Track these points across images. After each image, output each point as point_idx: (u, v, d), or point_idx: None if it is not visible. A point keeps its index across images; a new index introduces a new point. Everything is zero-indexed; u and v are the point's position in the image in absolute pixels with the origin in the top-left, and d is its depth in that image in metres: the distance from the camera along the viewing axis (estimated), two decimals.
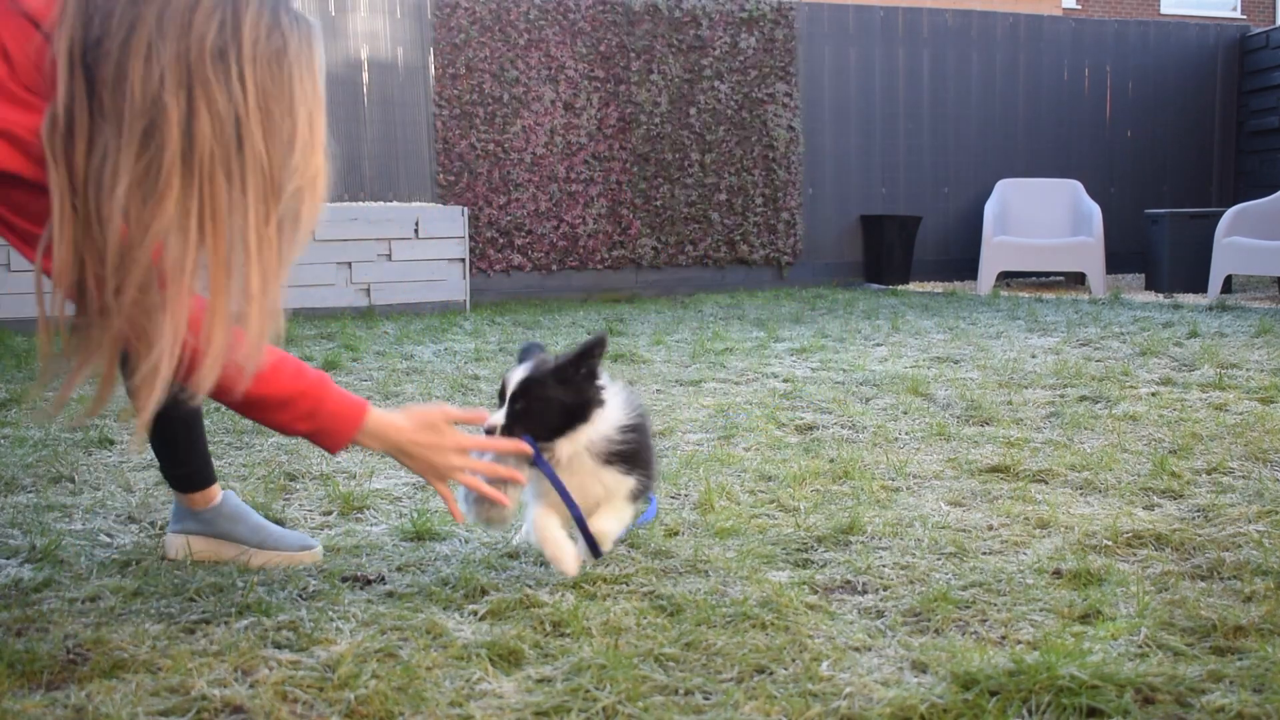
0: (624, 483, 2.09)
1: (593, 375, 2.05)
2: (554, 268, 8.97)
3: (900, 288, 9.55)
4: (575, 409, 2.02)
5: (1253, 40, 10.79)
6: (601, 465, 2.06)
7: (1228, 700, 1.60)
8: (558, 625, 1.91)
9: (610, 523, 2.09)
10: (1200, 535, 2.40)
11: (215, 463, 3.18)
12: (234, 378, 1.67)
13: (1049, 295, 8.70)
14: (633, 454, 2.09)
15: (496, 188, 8.75)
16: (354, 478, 3.02)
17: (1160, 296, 8.56)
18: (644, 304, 8.32)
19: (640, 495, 2.15)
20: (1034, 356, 5.21)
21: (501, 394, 2.05)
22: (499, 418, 2.02)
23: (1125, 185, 10.74)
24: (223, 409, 3.96)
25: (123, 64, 1.46)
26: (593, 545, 2.08)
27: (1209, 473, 2.96)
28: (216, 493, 2.33)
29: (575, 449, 2.05)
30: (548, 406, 2.01)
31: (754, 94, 9.42)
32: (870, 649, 1.82)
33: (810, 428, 3.68)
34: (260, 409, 1.86)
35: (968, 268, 10.10)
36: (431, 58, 8.64)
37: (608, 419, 2.06)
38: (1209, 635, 1.84)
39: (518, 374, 2.03)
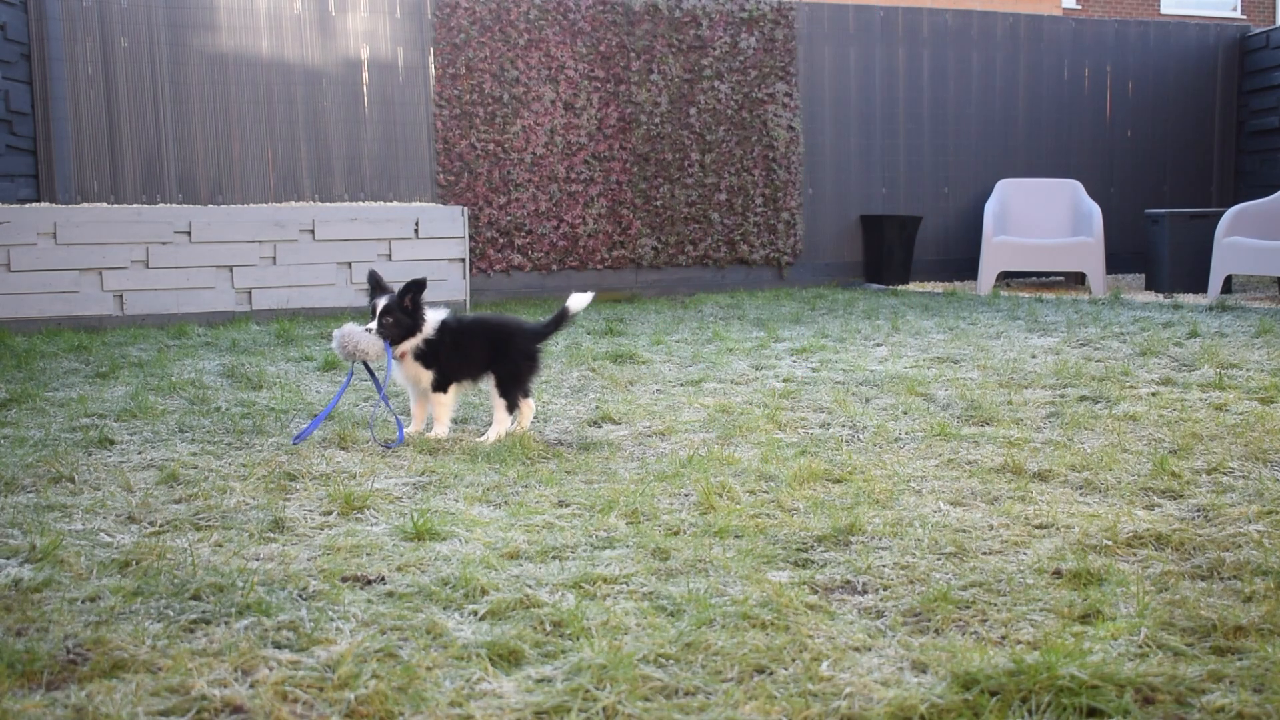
0: (426, 375, 3.59)
1: (418, 306, 3.53)
2: (554, 268, 8.97)
3: (900, 288, 9.55)
4: (409, 326, 3.52)
5: (1253, 40, 10.79)
6: (415, 361, 3.57)
7: (1228, 700, 1.60)
8: (558, 625, 1.91)
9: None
10: (1200, 535, 2.40)
11: (215, 463, 3.18)
12: None
13: (1049, 295, 8.70)
14: (433, 355, 3.56)
15: (496, 188, 8.76)
16: (354, 477, 3.02)
17: (1160, 296, 8.56)
18: (644, 304, 8.32)
19: (439, 387, 3.59)
20: (1034, 356, 5.21)
21: (372, 311, 3.49)
22: (372, 325, 3.46)
23: (1125, 185, 10.74)
24: (223, 409, 3.96)
25: None
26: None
27: (1209, 473, 2.96)
28: None
29: (406, 349, 3.55)
30: (397, 323, 3.50)
31: (754, 94, 9.42)
32: (870, 649, 1.82)
33: (810, 428, 3.68)
34: None
35: (968, 268, 10.10)
36: (431, 58, 8.64)
37: (423, 334, 3.54)
38: (1209, 635, 1.84)
39: (381, 302, 3.49)
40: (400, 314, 3.50)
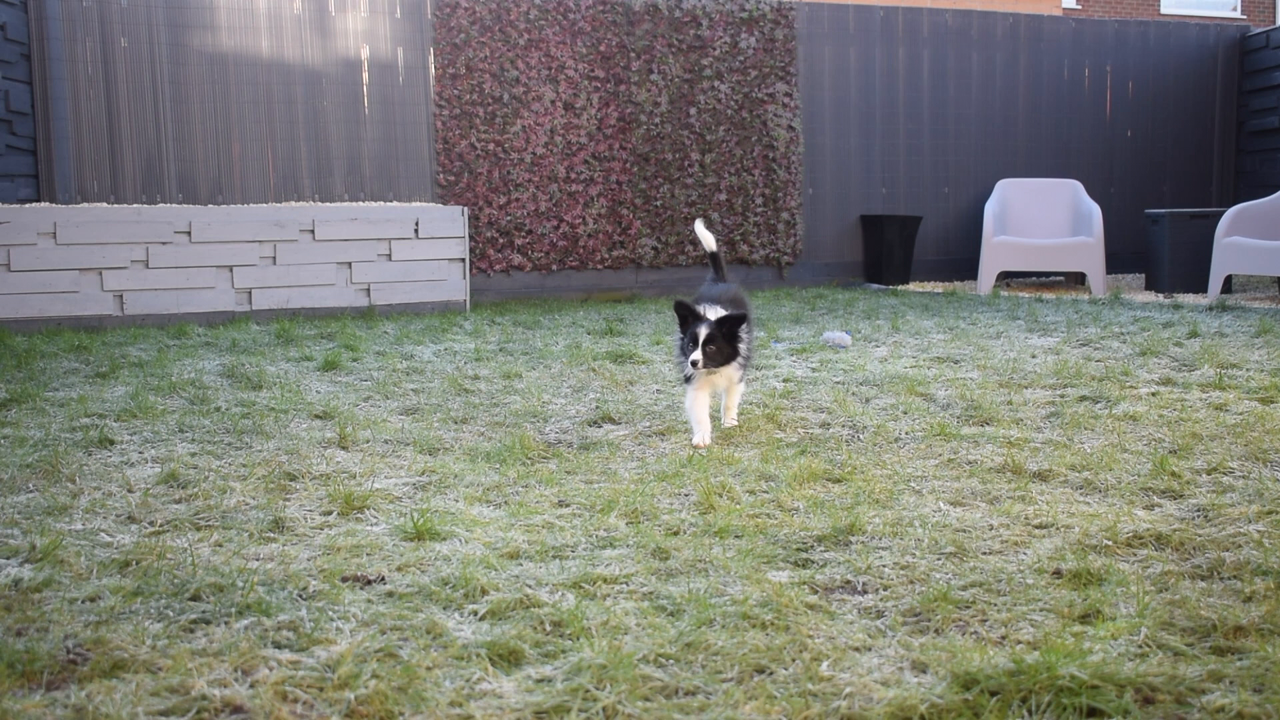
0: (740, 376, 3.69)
1: (736, 335, 3.53)
2: (554, 268, 8.97)
3: (900, 288, 9.55)
4: (730, 352, 3.52)
5: (1253, 40, 10.79)
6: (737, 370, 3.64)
7: (1228, 700, 1.60)
8: (558, 625, 1.91)
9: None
10: (1200, 535, 2.40)
11: (215, 463, 3.18)
12: None
13: (1049, 295, 8.70)
14: (747, 362, 3.66)
15: (496, 188, 8.75)
16: (354, 477, 3.02)
17: (1160, 296, 8.56)
18: (644, 304, 8.32)
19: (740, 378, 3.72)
20: (1034, 356, 5.21)
21: (695, 340, 3.50)
22: (698, 355, 3.43)
23: (1125, 185, 10.74)
24: (223, 409, 3.96)
25: None
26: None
27: (1209, 473, 2.96)
28: None
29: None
30: (720, 350, 3.49)
31: (754, 94, 9.42)
32: (870, 649, 1.82)
33: (810, 428, 3.68)
34: None
35: (968, 268, 10.10)
36: (431, 58, 8.64)
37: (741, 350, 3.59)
38: (1209, 635, 1.84)
39: (703, 329, 3.48)
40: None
